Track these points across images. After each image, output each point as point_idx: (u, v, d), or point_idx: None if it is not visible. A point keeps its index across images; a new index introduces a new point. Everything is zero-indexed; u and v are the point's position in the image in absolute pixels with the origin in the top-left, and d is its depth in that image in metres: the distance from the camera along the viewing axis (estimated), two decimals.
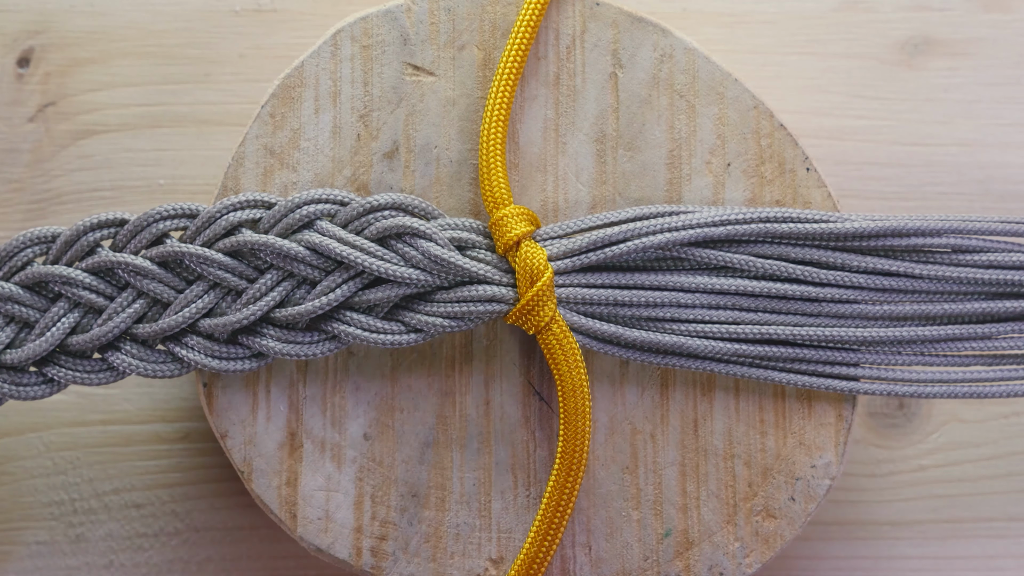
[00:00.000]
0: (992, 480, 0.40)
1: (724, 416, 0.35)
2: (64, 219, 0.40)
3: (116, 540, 0.39)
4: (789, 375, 0.35)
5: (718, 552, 0.35)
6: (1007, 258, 0.35)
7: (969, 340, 0.35)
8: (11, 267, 0.33)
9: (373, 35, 0.35)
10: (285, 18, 0.41)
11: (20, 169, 0.40)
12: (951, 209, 0.41)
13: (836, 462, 0.35)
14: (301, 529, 0.34)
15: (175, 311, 0.33)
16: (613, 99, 0.35)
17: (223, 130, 0.41)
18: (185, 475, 0.40)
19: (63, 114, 0.40)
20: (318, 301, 0.33)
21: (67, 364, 0.33)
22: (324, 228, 0.33)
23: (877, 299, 0.34)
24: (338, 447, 0.34)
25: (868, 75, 0.41)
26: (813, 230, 0.34)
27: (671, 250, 0.34)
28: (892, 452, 0.40)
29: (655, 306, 0.34)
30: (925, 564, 0.40)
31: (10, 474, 0.39)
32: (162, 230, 0.33)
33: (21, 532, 0.39)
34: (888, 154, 0.41)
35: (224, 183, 0.34)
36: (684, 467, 0.35)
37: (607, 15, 0.35)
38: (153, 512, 0.39)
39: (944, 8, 0.42)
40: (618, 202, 0.35)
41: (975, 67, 0.42)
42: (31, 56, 0.41)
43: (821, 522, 0.40)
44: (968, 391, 0.35)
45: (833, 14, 0.42)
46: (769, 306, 0.34)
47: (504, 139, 0.34)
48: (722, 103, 0.35)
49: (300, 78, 0.35)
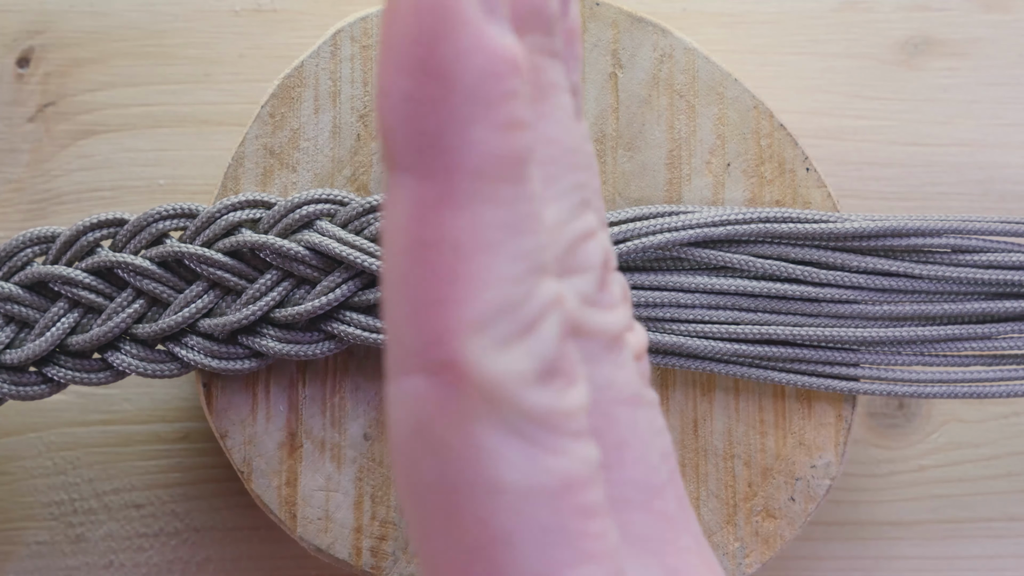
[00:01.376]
0: (992, 480, 0.40)
1: (724, 416, 0.35)
2: (64, 219, 0.40)
3: (116, 540, 0.39)
4: (789, 375, 0.34)
5: (718, 552, 0.35)
6: (1007, 258, 0.34)
7: (969, 340, 0.35)
8: (11, 267, 0.33)
9: (373, 35, 0.35)
10: (285, 18, 0.41)
11: (20, 169, 0.40)
12: (951, 209, 0.41)
13: (836, 462, 0.35)
14: (301, 529, 0.34)
15: (175, 311, 0.33)
16: (613, 99, 0.35)
17: (223, 130, 0.41)
18: (185, 475, 0.40)
19: (63, 114, 0.40)
20: (318, 301, 0.33)
21: (67, 364, 0.33)
22: (324, 228, 0.33)
23: (877, 299, 0.34)
24: (338, 447, 0.34)
25: (868, 75, 0.41)
26: (813, 230, 0.34)
27: (671, 250, 0.34)
28: (892, 452, 0.40)
29: (655, 306, 0.34)
30: (925, 564, 0.40)
31: (10, 474, 0.39)
32: (162, 230, 0.33)
33: (21, 532, 0.39)
34: (888, 154, 0.41)
35: (224, 183, 0.34)
36: (684, 467, 0.35)
37: (607, 15, 0.35)
38: (153, 512, 0.39)
39: (944, 8, 0.42)
40: (618, 202, 0.35)
41: (975, 67, 0.42)
42: (31, 56, 0.41)
43: (821, 522, 0.40)
44: (968, 391, 0.35)
45: (833, 14, 0.42)
46: (769, 306, 0.34)
47: None
48: (722, 103, 0.35)
49: (300, 78, 0.35)
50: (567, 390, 0.17)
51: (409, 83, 0.16)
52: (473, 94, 0.16)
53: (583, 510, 0.17)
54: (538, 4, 0.18)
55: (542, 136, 0.18)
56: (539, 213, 0.17)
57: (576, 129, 0.19)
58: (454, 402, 0.16)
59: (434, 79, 0.16)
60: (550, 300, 0.17)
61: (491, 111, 0.16)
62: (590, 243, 0.18)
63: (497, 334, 0.16)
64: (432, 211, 0.16)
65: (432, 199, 0.16)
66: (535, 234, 0.17)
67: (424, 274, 0.16)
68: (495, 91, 0.16)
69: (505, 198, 0.16)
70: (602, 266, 0.19)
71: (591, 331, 0.18)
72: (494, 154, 0.16)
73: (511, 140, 0.16)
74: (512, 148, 0.16)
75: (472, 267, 0.16)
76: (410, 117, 0.16)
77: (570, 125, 0.19)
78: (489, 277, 0.16)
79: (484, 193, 0.16)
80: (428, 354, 0.16)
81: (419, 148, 0.16)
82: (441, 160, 0.16)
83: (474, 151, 0.16)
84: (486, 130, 0.16)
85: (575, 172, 0.18)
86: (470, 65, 0.16)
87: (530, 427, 0.16)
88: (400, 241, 0.16)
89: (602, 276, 0.19)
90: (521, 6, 0.17)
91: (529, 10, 0.18)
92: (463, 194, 0.16)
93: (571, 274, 0.18)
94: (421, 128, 0.16)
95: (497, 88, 0.16)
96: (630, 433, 0.19)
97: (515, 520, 0.16)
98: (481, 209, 0.16)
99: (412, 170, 0.16)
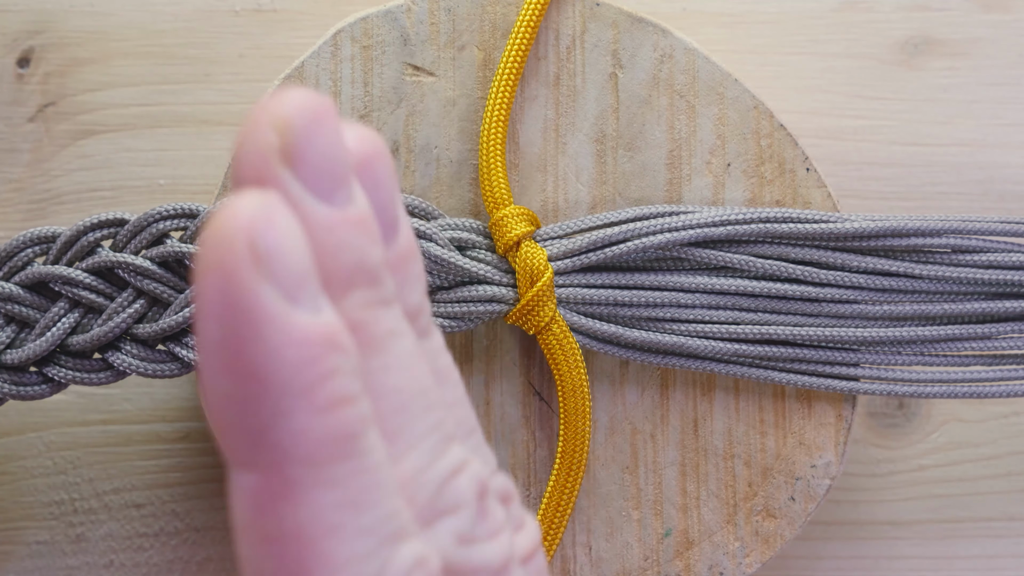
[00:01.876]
0: (992, 480, 0.40)
1: (724, 416, 0.35)
2: (64, 219, 0.40)
3: (116, 540, 0.39)
4: (789, 375, 0.35)
5: (718, 552, 0.35)
6: (1007, 258, 0.34)
7: (969, 340, 0.35)
8: (11, 267, 0.33)
9: (373, 35, 0.35)
10: (285, 18, 0.41)
11: (20, 169, 0.40)
12: (951, 209, 0.41)
13: (836, 462, 0.35)
14: None
15: (175, 311, 0.33)
16: (613, 99, 0.35)
17: (223, 130, 0.41)
18: (185, 475, 0.40)
19: (63, 114, 0.40)
20: None
21: (67, 364, 0.33)
22: None
23: (877, 299, 0.34)
24: None
25: (868, 75, 0.41)
26: (813, 230, 0.34)
27: (671, 250, 0.34)
28: (892, 452, 0.40)
29: (655, 306, 0.34)
30: (925, 564, 0.40)
31: (10, 474, 0.39)
32: (162, 230, 0.33)
33: (21, 532, 0.39)
34: (888, 154, 0.41)
35: (224, 183, 0.34)
36: (684, 467, 0.35)
37: (607, 15, 0.35)
38: (153, 512, 0.39)
39: (944, 8, 0.42)
40: (618, 202, 0.35)
41: (975, 67, 0.42)
42: (31, 56, 0.41)
43: (821, 522, 0.40)
44: (968, 391, 0.35)
45: (833, 14, 0.42)
46: (769, 306, 0.34)
47: (504, 139, 0.34)
48: (722, 103, 0.35)
49: (300, 78, 0.35)
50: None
51: (227, 384, 0.16)
52: (288, 386, 0.16)
53: None
54: (358, 260, 0.17)
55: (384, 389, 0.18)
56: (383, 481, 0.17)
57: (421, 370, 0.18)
58: None
59: (248, 378, 0.16)
60: (410, 564, 0.17)
61: (309, 398, 0.16)
62: (460, 479, 0.18)
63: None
64: (271, 505, 0.16)
65: (270, 493, 0.16)
66: (381, 505, 0.16)
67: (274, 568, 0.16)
68: (310, 377, 0.16)
69: (341, 478, 0.16)
70: (477, 497, 0.18)
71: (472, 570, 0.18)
72: (320, 439, 0.16)
73: (336, 419, 0.16)
74: (339, 427, 0.16)
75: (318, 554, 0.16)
76: (235, 416, 0.16)
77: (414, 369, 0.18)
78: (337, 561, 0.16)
79: (318, 478, 0.16)
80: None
81: (248, 445, 0.16)
82: (270, 454, 0.16)
83: (299, 440, 0.16)
84: (308, 417, 0.16)
85: (428, 413, 0.18)
86: (280, 358, 0.16)
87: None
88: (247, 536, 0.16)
89: (479, 507, 0.18)
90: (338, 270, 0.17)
91: (349, 269, 0.17)
92: (297, 484, 0.16)
93: (442, 517, 0.18)
94: (246, 426, 0.16)
95: (312, 373, 0.16)
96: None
97: None
98: (318, 495, 0.16)
99: (247, 466, 0.16)
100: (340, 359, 0.16)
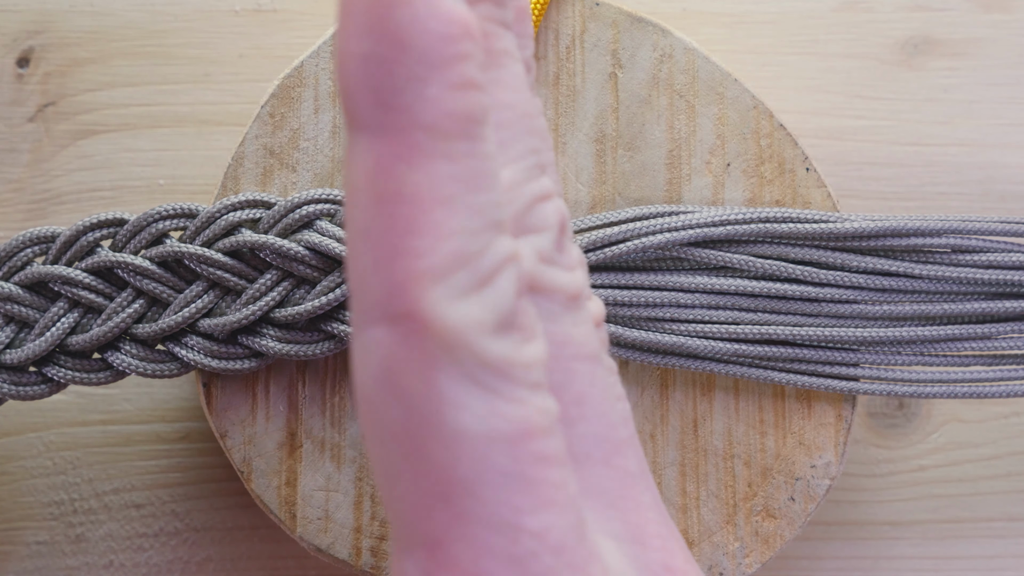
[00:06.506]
0: (992, 480, 0.40)
1: (724, 416, 0.35)
2: (64, 219, 0.40)
3: (116, 540, 0.39)
4: (789, 375, 0.35)
5: (718, 552, 0.35)
6: (1007, 258, 0.34)
7: (969, 340, 0.35)
8: (10, 267, 0.33)
9: None
10: (285, 18, 0.41)
11: (20, 169, 0.40)
12: (951, 209, 0.41)
13: (836, 462, 0.35)
14: (301, 529, 0.34)
15: (175, 311, 0.33)
16: (613, 99, 0.35)
17: (223, 130, 0.41)
18: (185, 475, 0.40)
19: (63, 114, 0.40)
20: (318, 301, 0.33)
21: (67, 364, 0.33)
22: (323, 228, 0.33)
23: (877, 299, 0.34)
24: (338, 447, 0.34)
25: (868, 75, 0.41)
26: (813, 230, 0.34)
27: (671, 250, 0.34)
28: (892, 452, 0.40)
29: (655, 306, 0.34)
30: (925, 564, 0.40)
31: (10, 474, 0.39)
32: (162, 230, 0.33)
33: (21, 532, 0.39)
34: (888, 154, 0.41)
35: (224, 183, 0.34)
36: (684, 467, 0.35)
37: (607, 15, 0.35)
38: (153, 512, 0.39)
39: (944, 8, 0.42)
40: (618, 202, 0.35)
41: (975, 67, 0.42)
42: (31, 56, 0.41)
43: (821, 522, 0.40)
44: (968, 391, 0.35)
45: (833, 14, 0.42)
46: (769, 306, 0.34)
47: None
48: (722, 103, 0.35)
49: (300, 78, 0.35)
50: (524, 343, 0.17)
51: (366, 45, 0.16)
52: (427, 55, 0.16)
53: (542, 458, 0.17)
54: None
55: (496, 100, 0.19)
56: (495, 171, 0.17)
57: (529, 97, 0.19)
58: (415, 350, 0.17)
59: (390, 41, 0.16)
60: (506, 255, 0.17)
61: (445, 71, 0.17)
62: (547, 204, 0.19)
63: (455, 285, 0.17)
64: (390, 166, 0.17)
65: (390, 155, 0.17)
66: (491, 190, 0.17)
67: (384, 227, 0.17)
68: (448, 53, 0.17)
69: (460, 154, 0.17)
70: (559, 228, 0.19)
71: (549, 288, 0.19)
72: (448, 112, 0.17)
73: (465, 99, 0.17)
74: (466, 107, 0.17)
75: (430, 219, 0.17)
76: (367, 77, 0.17)
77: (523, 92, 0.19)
78: (446, 229, 0.17)
79: (440, 149, 0.17)
80: (390, 304, 0.17)
81: (376, 107, 0.17)
82: (397, 118, 0.17)
83: (429, 109, 0.17)
84: (440, 89, 0.17)
85: (529, 137, 0.19)
86: (424, 28, 0.16)
87: (488, 376, 0.17)
88: (361, 196, 0.17)
89: (559, 238, 0.19)
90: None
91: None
92: (419, 150, 0.17)
93: (528, 233, 0.19)
94: (378, 88, 0.17)
95: (450, 50, 0.17)
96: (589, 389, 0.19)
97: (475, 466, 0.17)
98: (437, 164, 0.17)
99: (370, 128, 0.17)
100: (473, 47, 0.17)
